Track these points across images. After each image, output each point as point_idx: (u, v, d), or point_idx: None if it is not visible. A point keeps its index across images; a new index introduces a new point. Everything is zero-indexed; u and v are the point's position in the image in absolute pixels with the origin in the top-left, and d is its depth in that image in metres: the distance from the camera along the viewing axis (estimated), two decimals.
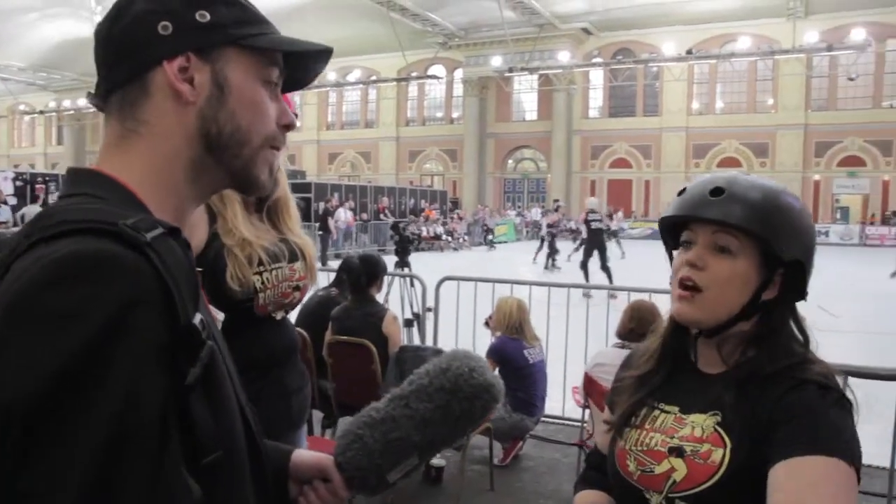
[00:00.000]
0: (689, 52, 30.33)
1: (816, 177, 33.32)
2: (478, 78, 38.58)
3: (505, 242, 29.64)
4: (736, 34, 32.61)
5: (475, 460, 4.47)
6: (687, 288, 1.20)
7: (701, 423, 1.19)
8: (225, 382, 0.78)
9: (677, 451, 1.18)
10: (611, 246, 19.63)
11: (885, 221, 30.92)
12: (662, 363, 1.31)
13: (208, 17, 0.79)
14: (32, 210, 16.91)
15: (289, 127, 0.86)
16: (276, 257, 2.19)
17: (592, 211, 13.77)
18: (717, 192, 1.20)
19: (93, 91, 0.84)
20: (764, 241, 1.17)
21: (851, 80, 29.90)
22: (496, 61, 35.43)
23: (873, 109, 32.99)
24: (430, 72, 38.60)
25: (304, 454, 1.03)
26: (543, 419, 4.76)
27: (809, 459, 1.04)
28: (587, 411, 3.72)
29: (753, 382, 1.16)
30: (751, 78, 34.67)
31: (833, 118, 33.25)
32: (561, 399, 5.00)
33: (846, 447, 1.06)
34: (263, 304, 2.16)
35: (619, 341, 3.66)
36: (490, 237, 25.03)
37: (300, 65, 0.88)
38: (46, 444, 0.59)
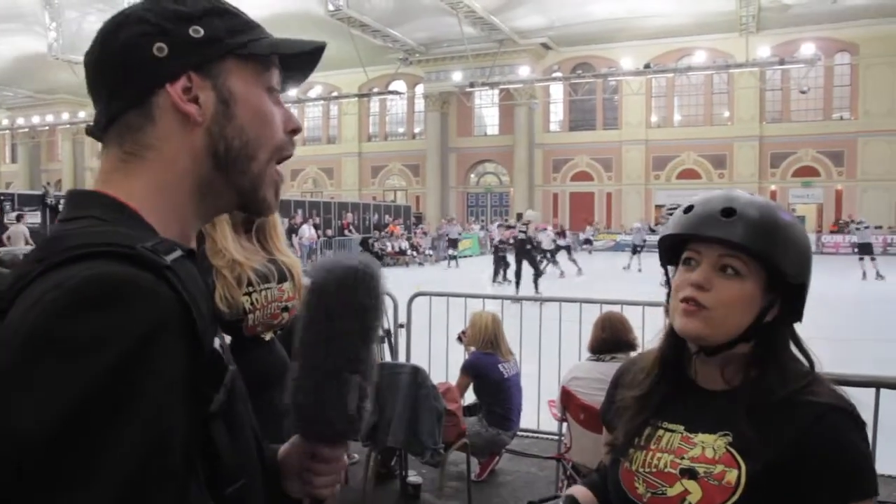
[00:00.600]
0: (646, 66, 30.88)
1: (773, 187, 34.08)
2: (439, 93, 38.75)
3: (469, 256, 29.70)
4: (692, 48, 33.33)
5: (452, 476, 4.44)
6: (691, 305, 1.19)
7: (712, 444, 1.18)
8: (242, 409, 0.77)
9: (690, 473, 1.17)
10: (563, 261, 19.85)
11: (839, 230, 31.75)
12: (662, 380, 1.30)
13: (202, 31, 0.76)
14: (18, 230, 16.38)
15: (296, 131, 0.84)
16: (265, 278, 2.18)
17: (523, 223, 14.63)
18: (728, 212, 1.18)
19: (91, 123, 0.81)
20: (771, 264, 1.17)
21: (803, 93, 30.74)
22: (457, 76, 35.62)
23: (825, 121, 33.98)
24: (392, 87, 38.72)
25: (285, 448, 0.99)
26: (519, 433, 4.76)
27: None
28: (564, 424, 3.73)
29: (764, 404, 1.16)
30: (707, 91, 35.42)
31: (787, 130, 34.14)
32: (536, 413, 5.00)
33: (874, 482, 1.11)
34: (252, 325, 2.14)
35: (592, 355, 3.68)
36: (452, 251, 24.92)
37: (295, 64, 0.86)
38: (68, 482, 0.56)
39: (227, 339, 2.15)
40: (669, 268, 1.30)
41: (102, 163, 0.79)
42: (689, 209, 1.25)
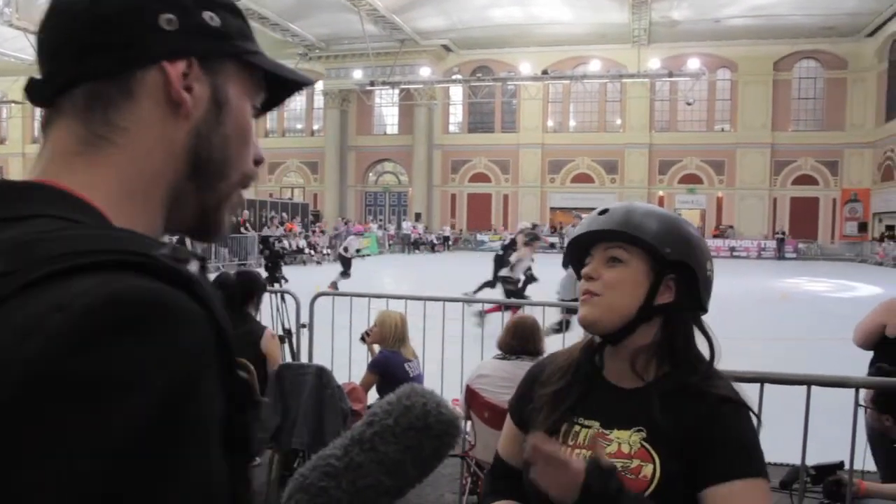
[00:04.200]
0: (544, 72, 31.71)
1: (661, 192, 35.71)
2: (339, 90, 38.37)
3: (368, 256, 29.59)
4: (587, 57, 34.46)
5: None
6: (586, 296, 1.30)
7: (627, 440, 1.24)
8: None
9: None
10: None
11: (720, 235, 33.71)
12: (576, 377, 1.35)
13: (218, 21, 0.67)
14: None
15: (258, 162, 0.74)
16: None
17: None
18: (603, 212, 1.34)
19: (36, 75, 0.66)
20: (646, 245, 1.27)
21: (689, 104, 32.43)
22: (357, 74, 35.41)
23: (708, 132, 36.01)
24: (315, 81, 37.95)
25: None
26: None
27: (741, 483, 1.17)
28: (468, 423, 3.79)
29: (672, 397, 1.24)
30: (601, 99, 36.73)
31: (674, 139, 35.90)
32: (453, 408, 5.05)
33: (763, 465, 1.21)
34: None
35: (499, 353, 3.76)
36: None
37: (274, 93, 0.77)
38: None
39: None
40: None
41: (53, 141, 0.64)
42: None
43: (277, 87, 0.76)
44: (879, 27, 31.74)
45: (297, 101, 41.37)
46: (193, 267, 0.54)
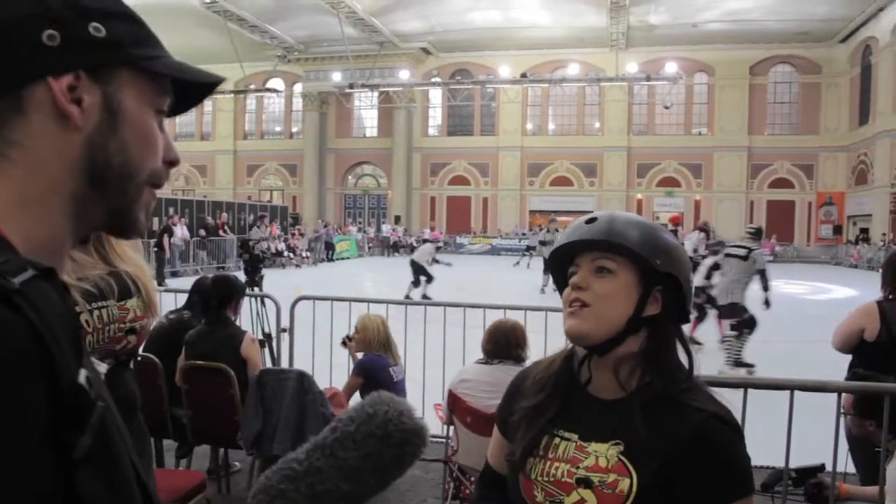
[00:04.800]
0: (523, 75, 31.83)
1: (639, 195, 35.97)
2: (318, 93, 38.25)
3: (347, 259, 29.50)
4: (566, 61, 34.66)
5: None
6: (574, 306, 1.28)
7: (604, 453, 1.23)
8: (119, 449, 0.65)
9: (585, 483, 1.22)
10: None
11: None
12: (556, 389, 1.34)
13: (104, 31, 0.67)
14: None
15: (174, 163, 0.77)
16: (99, 295, 1.88)
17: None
18: (591, 220, 1.31)
19: None
20: (638, 256, 1.26)
21: (667, 108, 32.73)
22: (336, 77, 35.30)
23: (685, 136, 36.34)
24: (269, 85, 37.80)
25: None
26: None
27: None
28: (451, 428, 3.78)
29: (653, 409, 1.23)
30: (580, 102, 36.92)
31: (652, 142, 36.18)
32: (421, 416, 5.03)
33: (750, 482, 1.20)
34: None
35: (481, 358, 3.75)
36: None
37: (185, 93, 0.78)
38: None
39: (103, 367, 1.91)
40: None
41: None
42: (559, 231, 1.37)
43: (190, 86, 0.77)
44: (852, 33, 32.25)
45: (275, 103, 41.23)
46: (22, 277, 0.56)
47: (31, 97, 0.65)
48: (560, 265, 1.37)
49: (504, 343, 3.65)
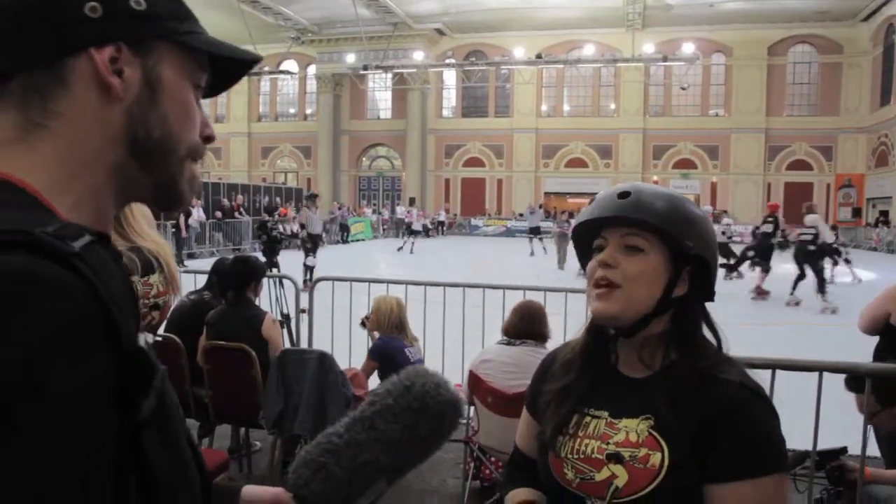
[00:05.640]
0: (538, 56, 31.52)
1: (655, 178, 35.69)
2: (332, 75, 38.19)
3: (362, 240, 29.55)
4: (581, 41, 34.35)
5: None
6: (602, 286, 1.24)
7: (635, 428, 1.22)
8: (174, 412, 0.68)
9: (616, 458, 1.21)
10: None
11: (714, 220, 33.70)
12: (585, 370, 1.33)
13: (144, 5, 0.69)
14: None
15: (209, 139, 0.78)
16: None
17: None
18: (623, 195, 1.25)
19: None
20: (669, 236, 1.22)
21: (683, 89, 32.43)
22: (350, 58, 35.18)
23: (701, 117, 35.98)
24: (283, 67, 37.77)
25: (256, 490, 0.94)
26: None
27: (750, 485, 1.14)
28: (472, 408, 3.78)
29: (683, 385, 1.21)
30: (595, 83, 36.64)
31: (668, 124, 35.89)
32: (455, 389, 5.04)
33: (780, 458, 1.17)
34: None
35: (503, 338, 3.74)
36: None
37: (222, 71, 0.79)
38: None
39: (150, 337, 1.94)
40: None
41: None
42: (591, 201, 1.32)
43: (227, 65, 0.79)
44: (874, 11, 31.71)
45: (289, 86, 41.20)
46: (81, 242, 0.57)
47: (74, 68, 0.66)
48: (585, 236, 1.33)
49: (529, 321, 3.64)
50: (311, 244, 13.94)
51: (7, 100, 0.67)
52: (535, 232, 22.30)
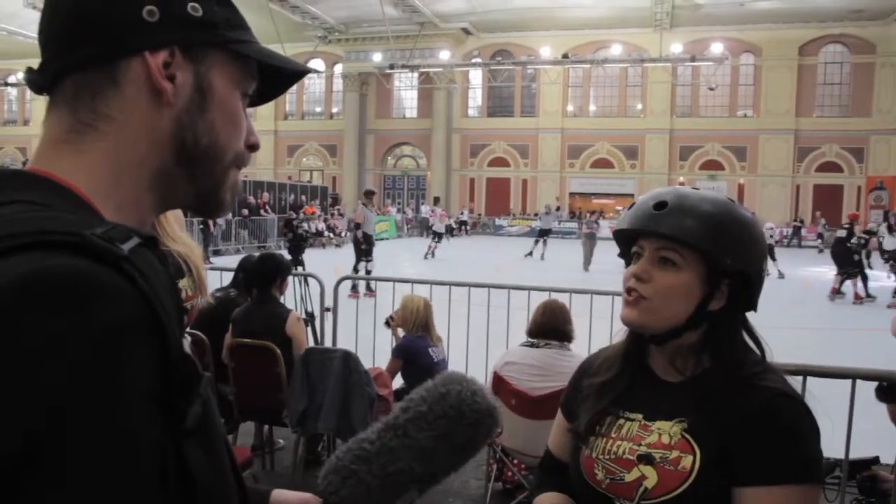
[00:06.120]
0: (564, 56, 31.35)
1: (681, 179, 35.34)
2: (358, 73, 38.30)
3: (386, 239, 29.61)
4: (608, 41, 34.09)
5: None
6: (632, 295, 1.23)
7: (668, 430, 1.21)
8: (216, 419, 0.67)
9: (647, 459, 1.20)
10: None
11: None
12: (625, 368, 1.32)
13: (201, 11, 0.69)
14: None
15: (254, 147, 0.77)
16: None
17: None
18: (660, 206, 1.22)
19: (35, 67, 0.70)
20: (706, 253, 1.19)
21: (711, 90, 32.04)
22: (377, 57, 35.30)
23: (730, 118, 35.54)
24: (310, 65, 37.90)
25: (286, 494, 0.94)
26: None
27: (781, 491, 1.12)
28: None
29: (717, 391, 1.19)
30: (622, 83, 36.34)
31: (695, 124, 35.48)
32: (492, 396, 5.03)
33: (815, 470, 1.14)
34: None
35: (526, 340, 3.72)
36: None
37: (269, 81, 0.79)
38: None
39: (190, 340, 1.93)
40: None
41: (47, 128, 0.68)
42: (632, 205, 1.30)
43: (276, 75, 0.79)
44: None
45: (316, 84, 41.38)
46: (129, 245, 0.56)
47: (127, 70, 0.66)
48: (626, 239, 1.32)
49: (552, 318, 3.62)
50: (366, 245, 12.68)
51: (59, 99, 0.67)
52: (544, 234, 21.44)
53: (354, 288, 9.27)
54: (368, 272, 12.25)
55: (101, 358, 0.49)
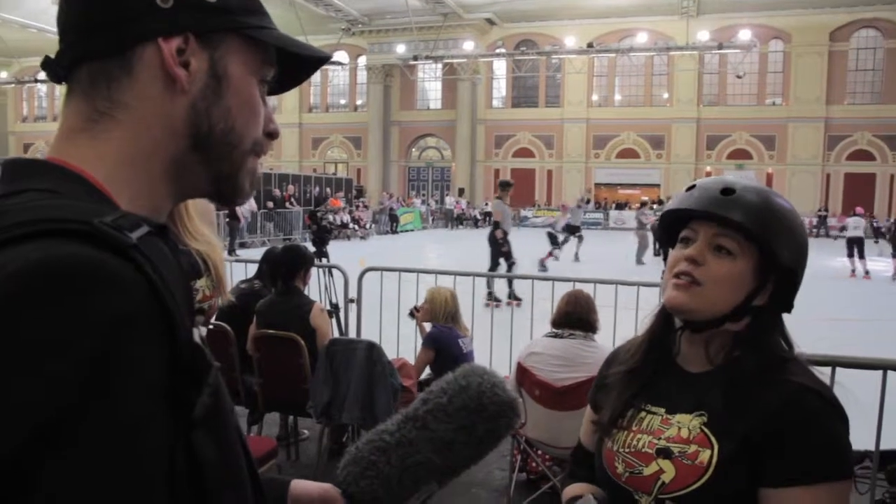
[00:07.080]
0: (589, 45, 31.09)
1: (708, 168, 34.95)
2: (382, 65, 38.33)
3: (411, 231, 29.66)
4: (633, 30, 33.74)
5: None
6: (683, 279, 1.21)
7: (687, 424, 1.19)
8: (228, 409, 0.66)
9: (665, 453, 1.19)
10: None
11: None
12: (649, 356, 1.31)
13: None
14: None
15: (273, 135, 0.76)
16: None
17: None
18: (727, 191, 1.20)
19: (52, 57, 0.69)
20: (765, 245, 1.18)
21: (739, 77, 31.59)
22: (400, 49, 35.28)
23: (758, 106, 35.01)
24: (334, 58, 38.01)
25: (305, 484, 0.94)
26: None
27: (819, 489, 1.09)
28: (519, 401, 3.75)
29: (741, 384, 1.17)
30: (648, 72, 35.95)
31: (722, 113, 35.03)
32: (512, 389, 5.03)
33: (844, 464, 1.11)
34: None
35: (550, 331, 3.70)
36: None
37: (290, 68, 0.78)
38: None
39: (203, 330, 1.94)
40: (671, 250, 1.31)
41: (64, 117, 0.68)
42: (691, 188, 1.27)
43: (297, 62, 0.77)
44: None
45: (340, 76, 41.48)
46: (139, 233, 0.56)
47: (141, 57, 0.66)
48: (673, 223, 1.29)
49: (576, 307, 3.59)
50: (506, 246, 10.26)
51: (76, 88, 0.67)
52: (573, 230, 17.42)
53: (491, 296, 8.13)
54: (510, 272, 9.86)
55: (107, 348, 0.49)
